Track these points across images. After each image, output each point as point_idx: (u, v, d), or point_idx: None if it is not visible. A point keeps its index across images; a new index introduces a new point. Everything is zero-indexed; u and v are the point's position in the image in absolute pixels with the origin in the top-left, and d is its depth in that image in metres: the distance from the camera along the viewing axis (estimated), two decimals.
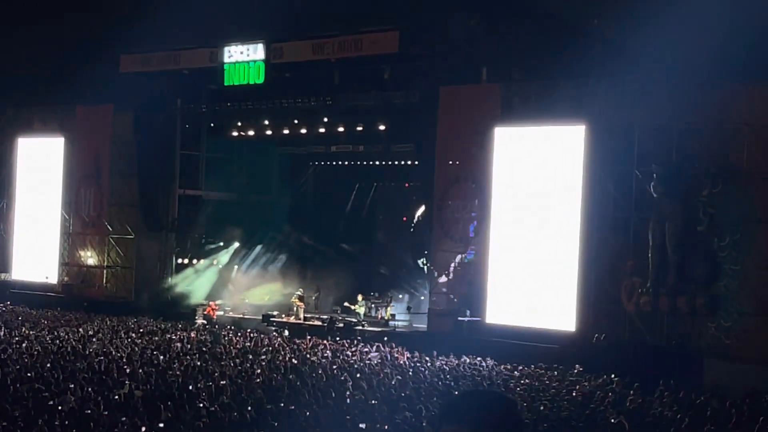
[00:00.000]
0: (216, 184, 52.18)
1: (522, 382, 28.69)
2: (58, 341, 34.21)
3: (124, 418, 19.40)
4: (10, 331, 37.05)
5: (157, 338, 36.83)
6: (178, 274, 49.19)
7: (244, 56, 43.53)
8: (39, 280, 52.22)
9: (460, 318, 38.42)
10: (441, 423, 4.07)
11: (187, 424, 19.34)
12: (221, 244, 51.05)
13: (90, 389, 23.11)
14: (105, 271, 49.99)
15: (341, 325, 42.00)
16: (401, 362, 32.62)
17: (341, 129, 46.68)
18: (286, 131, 48.67)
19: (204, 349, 33.80)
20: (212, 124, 51.11)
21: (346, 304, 44.97)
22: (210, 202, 52.42)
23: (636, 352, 33.10)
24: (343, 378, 27.32)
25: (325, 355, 33.64)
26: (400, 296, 46.10)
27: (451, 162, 39.62)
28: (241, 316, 46.17)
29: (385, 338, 38.81)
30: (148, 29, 45.05)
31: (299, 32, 43.07)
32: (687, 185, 33.19)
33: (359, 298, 44.21)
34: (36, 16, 52.85)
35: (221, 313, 46.46)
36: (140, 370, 27.19)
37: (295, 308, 44.73)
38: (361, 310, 43.70)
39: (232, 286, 49.91)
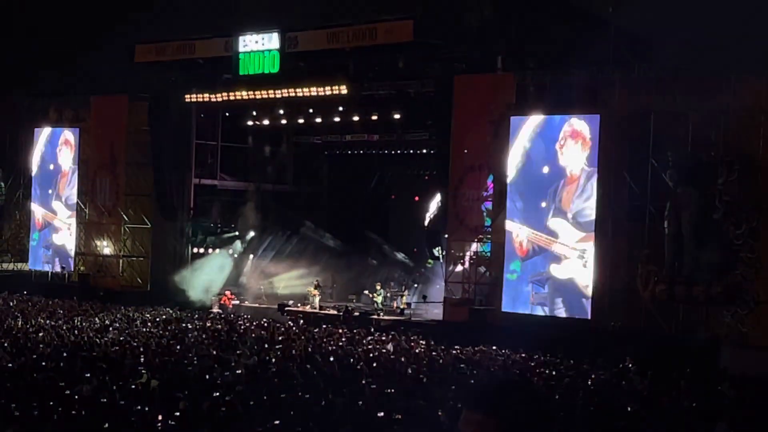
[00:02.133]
0: (231, 173, 52.29)
1: (537, 370, 28.65)
2: (74, 331, 34.33)
3: (140, 407, 19.45)
4: (27, 320, 37.20)
5: (173, 327, 36.92)
6: (194, 263, 49.24)
7: (258, 45, 43.53)
8: (55, 270, 52.42)
9: (475, 307, 38.45)
10: (470, 408, 3.96)
11: (202, 413, 19.39)
12: (237, 233, 51.14)
13: (106, 378, 23.18)
14: (121, 261, 50.12)
15: (357, 314, 42.02)
16: (416, 351, 32.63)
17: (356, 118, 46.64)
18: (300, 120, 48.70)
19: (220, 338, 33.86)
20: (227, 114, 51.14)
21: (366, 291, 44.99)
22: (225, 191, 52.57)
23: (651, 340, 33.04)
24: (358, 367, 27.33)
25: (341, 344, 33.66)
26: (416, 285, 46.10)
27: (466, 151, 39.56)
28: (257, 305, 46.27)
29: (401, 327, 38.83)
30: (163, 19, 45.11)
31: (314, 21, 43.06)
32: (703, 173, 33.04)
33: (377, 286, 44.25)
34: (51, 6, 52.96)
35: (237, 302, 46.58)
36: (156, 360, 27.26)
37: (310, 297, 44.79)
38: (379, 299, 43.74)
39: (248, 275, 50.02)
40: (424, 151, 48.56)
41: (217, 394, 21.58)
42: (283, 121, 49.37)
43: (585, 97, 36.52)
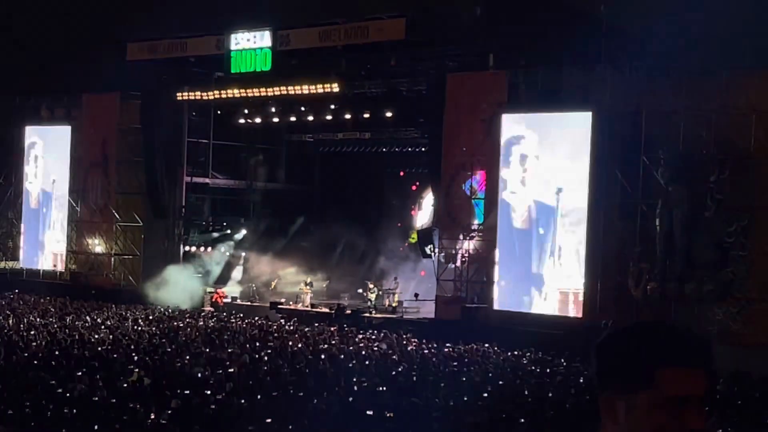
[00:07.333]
0: (223, 171, 52.27)
1: (529, 368, 28.69)
2: (66, 329, 34.29)
3: (132, 405, 19.45)
4: (19, 319, 37.15)
5: (164, 326, 36.89)
6: (185, 261, 49.15)
7: (250, 43, 43.50)
8: (47, 269, 52.35)
9: (467, 305, 38.45)
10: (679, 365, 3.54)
11: (195, 412, 19.40)
12: (228, 231, 51.06)
13: (98, 377, 23.17)
14: (113, 259, 50.04)
15: (349, 312, 42.00)
16: (409, 349, 32.66)
17: (348, 116, 46.63)
18: (292, 118, 48.64)
19: (212, 336, 33.85)
20: (219, 112, 51.05)
21: (360, 290, 44.93)
22: (217, 189, 52.55)
23: None
24: (350, 365, 27.37)
25: (333, 342, 33.68)
26: (408, 283, 46.00)
27: (458, 149, 39.58)
28: (249, 303, 46.23)
29: (394, 325, 38.81)
30: (155, 17, 45.06)
31: (306, 19, 43.06)
32: (694, 171, 33.11)
33: (370, 285, 44.22)
34: (43, 4, 52.91)
35: (228, 300, 46.51)
36: (148, 358, 27.26)
37: (302, 295, 44.78)
38: (373, 296, 43.74)
39: (239, 273, 50.03)
40: (417, 149, 48.46)
41: (209, 392, 21.61)
42: (275, 119, 49.28)
43: (576, 95, 36.55)
